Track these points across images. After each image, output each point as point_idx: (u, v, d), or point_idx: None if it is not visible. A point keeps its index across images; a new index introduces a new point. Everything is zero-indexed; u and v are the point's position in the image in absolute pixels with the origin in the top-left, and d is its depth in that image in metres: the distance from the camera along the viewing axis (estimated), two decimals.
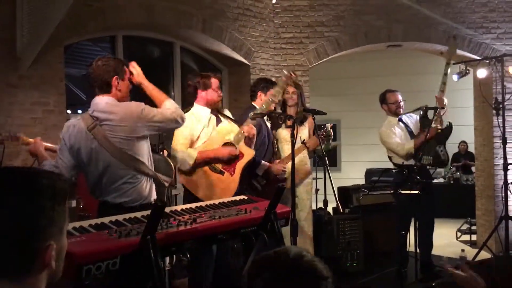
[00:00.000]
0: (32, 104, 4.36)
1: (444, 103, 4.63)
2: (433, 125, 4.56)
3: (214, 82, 3.64)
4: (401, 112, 4.99)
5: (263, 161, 4.01)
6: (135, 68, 2.98)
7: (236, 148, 3.54)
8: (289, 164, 4.01)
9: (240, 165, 3.55)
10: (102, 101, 2.81)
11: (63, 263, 1.12)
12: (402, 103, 5.00)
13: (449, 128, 4.78)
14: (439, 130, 4.62)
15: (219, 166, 3.51)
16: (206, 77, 3.60)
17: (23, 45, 4.20)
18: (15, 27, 4.19)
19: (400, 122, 4.98)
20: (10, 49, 4.17)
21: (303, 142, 4.29)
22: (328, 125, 4.37)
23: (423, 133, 4.61)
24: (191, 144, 3.49)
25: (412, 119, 5.04)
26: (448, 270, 1.78)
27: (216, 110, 3.74)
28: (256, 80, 4.62)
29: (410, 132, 4.89)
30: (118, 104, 2.82)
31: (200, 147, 3.48)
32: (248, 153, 3.59)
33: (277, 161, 4.07)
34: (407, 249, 4.78)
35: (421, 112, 4.71)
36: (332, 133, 4.39)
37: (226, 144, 3.56)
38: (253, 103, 4.32)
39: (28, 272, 1.02)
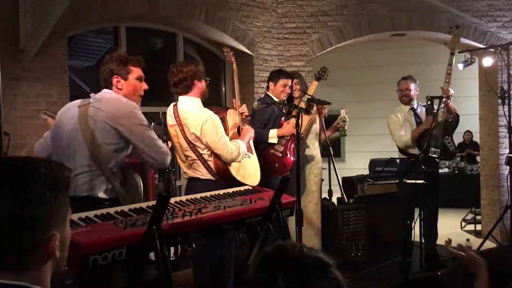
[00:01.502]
0: (35, 96, 4.36)
1: (450, 93, 4.58)
2: (440, 114, 4.53)
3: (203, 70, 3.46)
4: (405, 100, 4.93)
5: (271, 130, 4.06)
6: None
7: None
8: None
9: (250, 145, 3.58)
10: (109, 93, 2.81)
11: (67, 253, 1.11)
12: (410, 92, 4.91)
13: (456, 119, 4.74)
14: (446, 119, 4.57)
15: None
16: (198, 64, 3.38)
17: (26, 37, 4.20)
18: (18, 19, 4.18)
19: (412, 111, 4.92)
20: (13, 41, 4.17)
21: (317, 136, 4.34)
22: (343, 111, 4.43)
23: (422, 125, 4.62)
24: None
25: (423, 110, 4.99)
26: (451, 252, 1.80)
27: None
28: (273, 70, 4.73)
29: (419, 123, 4.83)
30: (118, 98, 2.77)
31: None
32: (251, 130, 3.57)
33: (286, 122, 4.12)
34: (412, 239, 4.78)
35: (427, 102, 4.67)
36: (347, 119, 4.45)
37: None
38: (267, 92, 4.44)
39: (32, 262, 1.01)
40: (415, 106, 4.94)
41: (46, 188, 1.02)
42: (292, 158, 4.07)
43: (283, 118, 4.19)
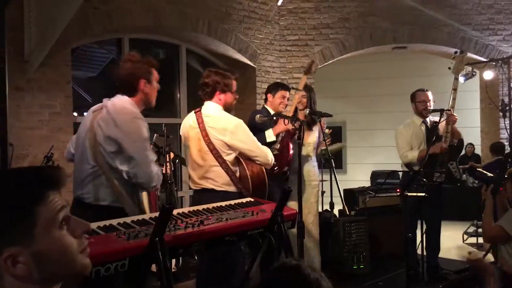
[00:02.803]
0: (39, 107, 4.39)
1: (455, 118, 4.51)
2: (442, 126, 4.46)
3: (234, 84, 3.46)
4: (426, 113, 4.72)
5: (267, 130, 4.04)
6: None
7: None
8: (294, 166, 4.04)
9: None
10: (118, 97, 2.73)
11: (66, 263, 1.04)
12: (430, 104, 4.71)
13: (460, 144, 4.66)
14: (450, 144, 4.49)
15: None
16: (227, 77, 3.38)
17: (31, 48, 4.24)
18: (23, 30, 4.22)
19: (424, 125, 4.76)
20: (18, 52, 4.21)
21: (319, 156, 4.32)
22: (327, 131, 4.41)
23: (429, 148, 4.50)
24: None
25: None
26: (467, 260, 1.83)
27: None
28: (270, 83, 4.71)
29: (428, 139, 4.62)
30: (124, 105, 2.69)
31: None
32: None
33: (279, 121, 4.08)
34: (415, 252, 4.76)
35: (433, 124, 4.59)
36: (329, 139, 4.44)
37: None
38: (265, 105, 4.42)
39: None
40: (427, 120, 4.76)
41: (12, 202, 0.98)
42: (290, 152, 4.06)
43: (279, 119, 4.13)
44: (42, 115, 4.41)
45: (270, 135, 4.02)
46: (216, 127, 3.25)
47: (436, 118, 4.66)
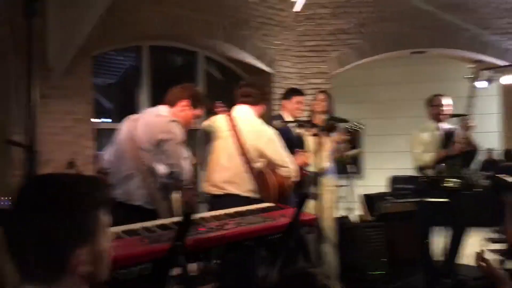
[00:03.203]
0: (62, 113, 4.50)
1: (472, 126, 4.49)
2: (459, 132, 4.44)
3: None
4: (443, 118, 4.69)
5: None
6: None
7: None
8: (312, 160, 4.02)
9: None
10: (157, 107, 3.11)
11: (105, 265, 1.15)
12: (447, 109, 4.68)
13: (475, 150, 4.62)
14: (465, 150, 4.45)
15: None
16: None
17: (54, 57, 4.34)
18: (47, 39, 4.33)
19: (440, 130, 4.72)
20: (42, 60, 4.31)
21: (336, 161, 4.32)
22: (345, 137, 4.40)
23: (446, 150, 4.48)
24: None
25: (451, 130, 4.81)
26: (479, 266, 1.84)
27: None
28: (285, 89, 4.73)
29: (444, 145, 4.58)
30: (161, 114, 3.01)
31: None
32: None
33: (299, 152, 4.07)
34: (433, 258, 4.73)
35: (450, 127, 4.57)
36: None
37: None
38: (280, 112, 4.43)
39: (61, 275, 1.06)
40: (443, 125, 4.72)
41: (84, 204, 1.07)
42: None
43: (297, 150, 4.14)
44: (65, 122, 4.51)
45: None
46: (251, 131, 3.27)
47: (452, 126, 4.63)
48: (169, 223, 2.34)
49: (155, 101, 5.65)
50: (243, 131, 3.26)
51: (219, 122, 3.42)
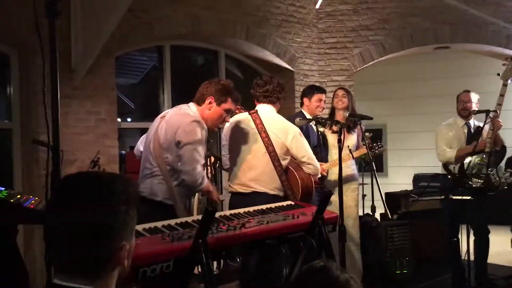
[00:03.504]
0: (85, 113, 4.56)
1: (500, 124, 4.38)
2: (486, 130, 4.34)
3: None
4: (465, 113, 4.61)
5: None
6: None
7: None
8: (334, 169, 4.01)
9: None
10: (186, 104, 3.06)
11: (130, 261, 1.19)
12: (471, 105, 4.58)
13: (503, 150, 4.51)
14: (492, 149, 4.35)
15: None
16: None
17: (78, 57, 4.40)
18: (70, 40, 4.39)
19: (466, 127, 4.64)
20: (65, 61, 4.38)
21: (350, 151, 4.25)
22: (367, 135, 4.31)
23: (471, 146, 4.39)
24: None
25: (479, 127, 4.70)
26: None
27: None
28: (305, 87, 4.69)
29: (470, 141, 4.51)
30: (187, 113, 2.97)
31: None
32: None
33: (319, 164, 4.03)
34: (462, 257, 4.63)
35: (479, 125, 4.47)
36: (380, 146, 4.35)
37: None
38: (301, 109, 4.40)
39: (104, 269, 1.11)
40: (471, 122, 4.64)
41: (121, 202, 1.11)
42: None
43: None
44: (88, 122, 4.57)
45: None
46: (278, 128, 3.28)
47: (481, 123, 4.53)
48: (191, 221, 2.34)
49: (177, 101, 5.69)
50: (269, 129, 3.26)
51: (244, 120, 3.40)
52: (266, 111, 3.36)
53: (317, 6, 6.36)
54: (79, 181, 1.14)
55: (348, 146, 4.33)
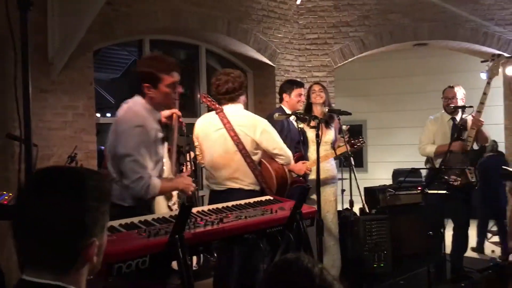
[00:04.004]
0: (63, 108, 4.49)
1: (481, 123, 4.43)
2: (468, 142, 4.38)
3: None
4: (449, 110, 4.65)
5: None
6: None
7: None
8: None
9: None
10: (132, 100, 2.74)
11: (101, 258, 1.18)
12: (457, 101, 4.60)
13: (481, 149, 4.57)
14: (472, 148, 4.40)
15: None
16: (244, 77, 3.54)
17: (54, 51, 4.33)
18: (47, 33, 4.32)
19: (451, 122, 4.68)
20: (42, 55, 4.31)
21: (334, 149, 4.28)
22: (344, 127, 4.34)
23: (447, 144, 4.43)
24: None
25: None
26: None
27: None
28: (282, 82, 4.67)
29: (453, 136, 4.53)
30: (128, 111, 2.67)
31: None
32: None
33: (302, 162, 4.05)
34: (439, 250, 4.71)
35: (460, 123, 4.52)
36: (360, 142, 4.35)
37: None
38: (281, 105, 4.39)
39: (72, 266, 1.09)
40: (457, 117, 4.66)
41: (92, 198, 1.10)
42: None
43: (297, 154, 4.10)
44: (66, 116, 4.51)
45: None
46: (246, 125, 3.26)
47: (469, 118, 4.56)
48: (168, 216, 2.33)
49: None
50: (237, 127, 3.26)
51: (212, 121, 3.40)
52: (232, 109, 3.35)
53: (298, 2, 6.36)
54: (50, 175, 1.13)
55: (331, 142, 4.36)
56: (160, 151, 2.73)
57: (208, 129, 3.40)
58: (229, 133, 3.26)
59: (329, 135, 4.39)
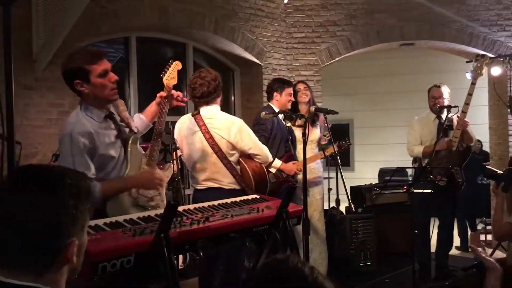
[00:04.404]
0: (47, 106, 4.43)
1: (466, 124, 4.46)
2: (453, 141, 4.41)
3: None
4: (435, 110, 4.69)
5: (276, 159, 4.01)
6: None
7: None
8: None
9: None
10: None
11: (82, 259, 1.16)
12: (443, 101, 4.66)
13: (467, 150, 4.60)
14: (458, 148, 4.43)
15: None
16: (219, 76, 3.45)
17: (39, 48, 4.28)
18: (31, 29, 4.26)
19: (437, 121, 4.72)
20: (26, 51, 4.25)
21: (323, 151, 4.29)
22: (327, 125, 4.36)
23: (433, 145, 4.45)
24: None
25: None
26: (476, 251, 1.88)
27: None
28: (271, 80, 4.65)
29: (439, 136, 4.59)
30: (64, 129, 2.50)
31: None
32: None
33: (293, 162, 4.05)
34: (424, 249, 4.74)
35: (446, 123, 4.55)
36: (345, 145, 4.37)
37: None
38: (270, 103, 4.39)
39: (50, 266, 1.06)
40: (443, 116, 4.70)
41: (70, 197, 1.08)
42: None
43: (286, 154, 4.10)
44: (51, 114, 4.45)
45: (275, 166, 3.82)
46: (221, 127, 3.27)
47: (454, 117, 4.59)
48: (154, 215, 2.31)
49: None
50: (212, 129, 3.28)
51: (186, 123, 3.42)
52: (209, 111, 3.35)
53: (286, 0, 6.36)
54: (28, 173, 1.10)
55: (317, 141, 4.38)
56: (113, 151, 2.53)
57: (185, 131, 3.43)
58: (205, 136, 3.29)
59: (315, 133, 4.41)
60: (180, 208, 2.46)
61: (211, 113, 3.35)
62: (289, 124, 4.35)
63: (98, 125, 2.51)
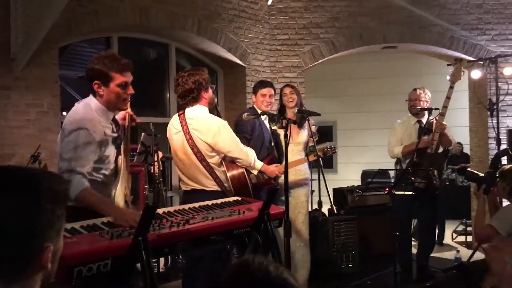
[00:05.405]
0: (26, 106, 4.35)
1: (444, 126, 4.50)
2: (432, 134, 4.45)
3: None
4: (414, 111, 4.73)
5: (258, 161, 3.98)
6: None
7: None
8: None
9: None
10: (84, 100, 2.69)
11: (57, 265, 1.11)
12: (419, 103, 4.69)
13: (445, 152, 4.65)
14: (436, 151, 4.47)
15: None
16: (203, 72, 3.37)
17: (18, 47, 4.20)
18: (10, 29, 4.18)
19: (417, 125, 4.77)
20: (4, 51, 4.17)
21: (307, 156, 4.28)
22: (313, 127, 4.35)
23: (414, 143, 4.49)
24: None
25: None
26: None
27: None
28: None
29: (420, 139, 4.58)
30: (77, 111, 2.60)
31: None
32: None
33: (275, 165, 4.02)
34: (406, 250, 4.77)
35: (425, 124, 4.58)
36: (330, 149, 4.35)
37: None
38: (254, 105, 4.40)
39: (24, 273, 1.02)
40: (423, 120, 4.74)
41: (46, 200, 1.03)
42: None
43: (269, 157, 4.07)
44: (29, 114, 4.37)
45: (257, 167, 3.67)
46: (199, 129, 3.26)
47: (429, 120, 4.63)
48: None
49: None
50: (192, 130, 3.27)
51: (173, 122, 3.43)
52: (193, 111, 3.34)
53: (269, 2, 6.36)
54: (3, 175, 1.06)
55: (304, 143, 4.37)
56: (108, 150, 2.62)
57: (171, 131, 3.43)
58: (185, 136, 3.28)
59: (302, 136, 4.39)
60: (160, 211, 2.43)
61: (195, 113, 3.32)
62: (274, 127, 4.35)
63: (106, 126, 2.63)
